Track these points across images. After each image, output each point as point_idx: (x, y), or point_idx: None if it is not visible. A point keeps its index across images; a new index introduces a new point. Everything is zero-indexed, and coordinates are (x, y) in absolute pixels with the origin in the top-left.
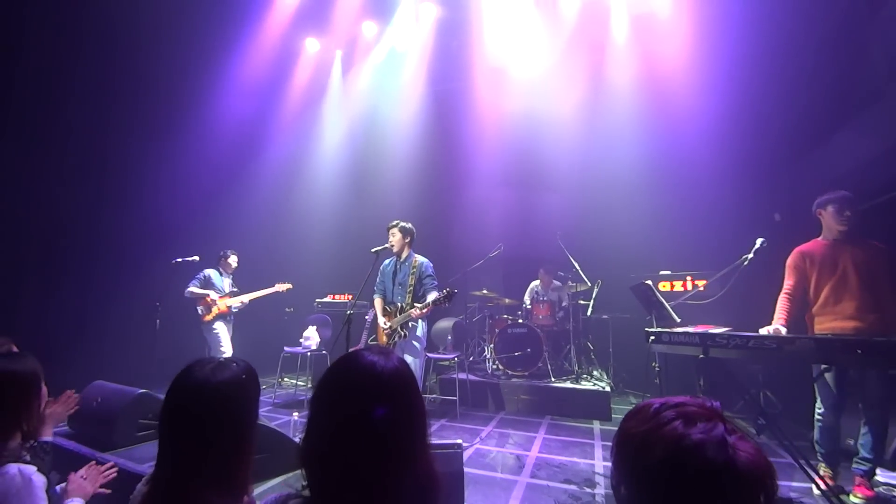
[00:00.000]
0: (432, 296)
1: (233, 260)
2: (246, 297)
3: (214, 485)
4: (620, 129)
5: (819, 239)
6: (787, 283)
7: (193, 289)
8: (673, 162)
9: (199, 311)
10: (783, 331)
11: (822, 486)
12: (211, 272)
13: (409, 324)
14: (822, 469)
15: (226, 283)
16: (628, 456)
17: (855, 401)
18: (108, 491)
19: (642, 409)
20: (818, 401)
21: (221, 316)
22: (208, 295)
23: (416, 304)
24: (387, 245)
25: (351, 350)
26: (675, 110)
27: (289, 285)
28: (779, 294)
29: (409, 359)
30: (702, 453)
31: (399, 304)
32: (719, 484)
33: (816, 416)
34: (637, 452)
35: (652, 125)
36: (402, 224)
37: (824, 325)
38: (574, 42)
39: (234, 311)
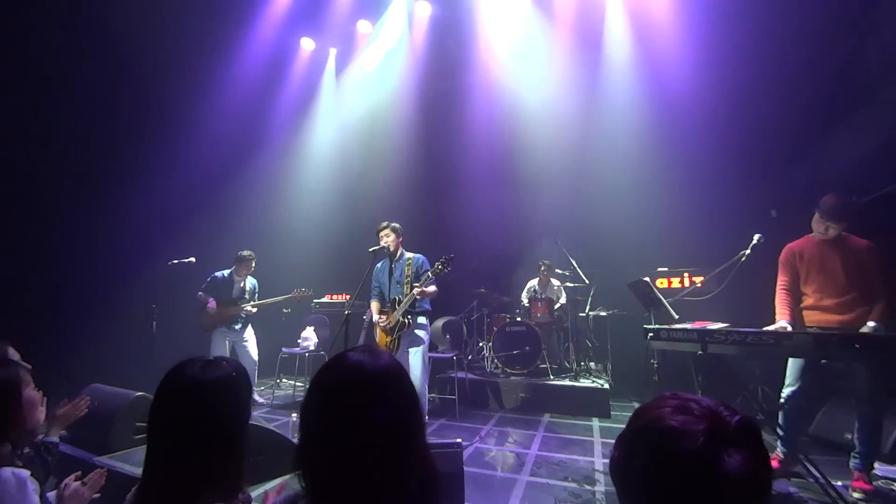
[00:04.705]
0: (432, 269)
1: (250, 264)
2: (250, 305)
3: (207, 483)
4: (617, 127)
5: (810, 236)
6: (782, 278)
7: (200, 293)
8: (670, 159)
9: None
10: (789, 328)
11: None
12: (222, 274)
13: (415, 314)
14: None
15: (237, 286)
16: (633, 427)
17: (849, 395)
18: (98, 495)
19: (659, 397)
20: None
21: (225, 324)
22: (209, 301)
23: (415, 284)
24: (383, 246)
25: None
26: (672, 107)
27: (309, 292)
28: (775, 290)
29: (414, 348)
30: (675, 437)
31: (398, 298)
32: (695, 477)
33: (781, 399)
34: (642, 424)
35: (648, 122)
36: (393, 224)
37: (812, 318)
38: (568, 39)
39: (242, 316)
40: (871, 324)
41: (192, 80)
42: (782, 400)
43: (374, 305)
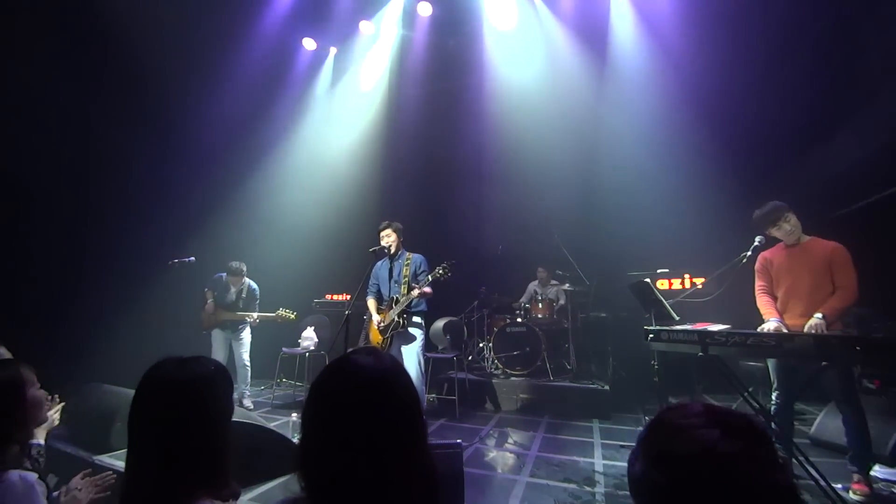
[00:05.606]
0: (431, 275)
1: (240, 278)
2: (256, 316)
3: (192, 480)
4: (618, 127)
5: (780, 244)
6: (760, 283)
7: (207, 289)
8: (671, 160)
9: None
10: (783, 327)
11: None
12: (221, 276)
13: (410, 314)
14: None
15: (233, 292)
16: (657, 440)
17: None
18: (108, 493)
19: (687, 405)
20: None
21: (220, 325)
22: (209, 301)
23: (413, 285)
24: (384, 245)
25: (340, 355)
26: (674, 108)
27: (292, 316)
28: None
29: (408, 349)
30: (733, 466)
31: (395, 297)
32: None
33: (772, 402)
34: (666, 437)
35: (651, 122)
36: (395, 224)
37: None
38: (573, 38)
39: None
40: (817, 315)
41: (194, 79)
42: (771, 402)
43: (371, 303)
